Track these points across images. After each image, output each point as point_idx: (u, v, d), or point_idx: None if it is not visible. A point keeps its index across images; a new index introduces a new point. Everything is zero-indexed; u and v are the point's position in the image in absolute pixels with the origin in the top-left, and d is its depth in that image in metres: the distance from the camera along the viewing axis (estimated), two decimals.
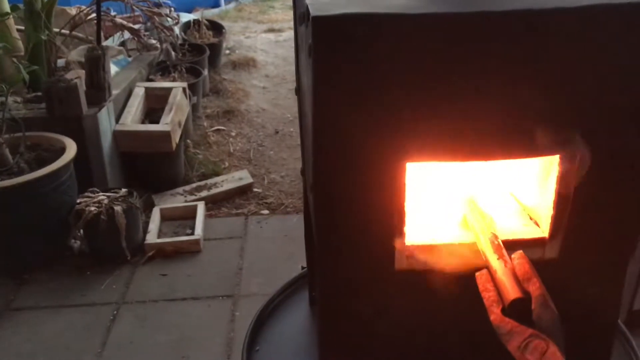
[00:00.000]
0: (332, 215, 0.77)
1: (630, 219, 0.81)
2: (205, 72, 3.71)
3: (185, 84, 3.15)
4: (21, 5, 2.93)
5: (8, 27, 2.74)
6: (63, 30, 3.19)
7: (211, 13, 5.64)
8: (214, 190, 2.90)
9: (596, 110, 0.71)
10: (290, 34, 4.91)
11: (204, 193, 2.88)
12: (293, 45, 1.27)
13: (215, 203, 2.84)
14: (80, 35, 3.45)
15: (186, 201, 2.80)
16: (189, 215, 2.67)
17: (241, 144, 3.39)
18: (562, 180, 0.75)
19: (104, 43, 3.49)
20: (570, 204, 0.77)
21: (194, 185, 2.95)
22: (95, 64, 2.60)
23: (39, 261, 2.36)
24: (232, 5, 5.93)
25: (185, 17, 4.27)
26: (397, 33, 0.65)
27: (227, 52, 4.35)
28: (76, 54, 3.35)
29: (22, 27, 3.05)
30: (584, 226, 0.79)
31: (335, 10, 0.65)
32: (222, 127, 3.52)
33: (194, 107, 3.42)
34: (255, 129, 3.57)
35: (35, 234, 2.30)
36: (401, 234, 0.77)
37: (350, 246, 0.79)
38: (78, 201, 2.36)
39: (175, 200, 2.82)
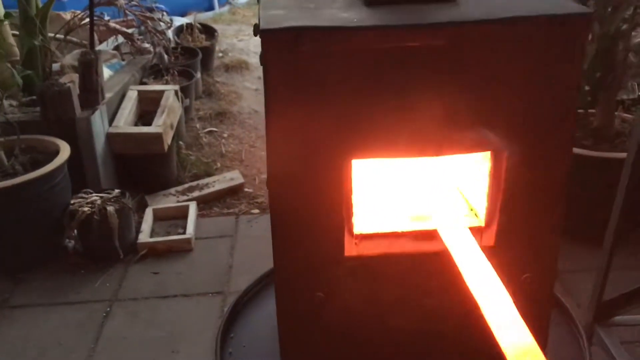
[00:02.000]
0: (285, 208, 0.84)
1: (553, 208, 0.87)
2: (198, 74, 3.77)
3: (177, 87, 3.21)
4: (16, 11, 3.00)
5: (2, 33, 2.80)
6: (57, 35, 3.26)
7: (205, 16, 5.70)
8: (205, 191, 2.96)
9: (517, 112, 0.78)
10: None
11: (196, 193, 2.94)
12: None
13: (206, 203, 2.91)
14: (74, 39, 3.52)
15: (178, 201, 2.87)
16: (181, 215, 2.74)
17: (233, 145, 3.45)
18: (493, 175, 0.82)
19: (98, 47, 3.56)
20: (501, 196, 0.84)
21: (186, 185, 3.02)
22: (88, 68, 2.66)
23: (34, 260, 2.42)
24: (225, 8, 6.00)
25: (179, 20, 4.34)
26: (338, 44, 0.72)
27: (220, 54, 4.41)
28: (70, 58, 3.41)
29: (17, 32, 3.12)
30: (515, 216, 0.86)
31: (282, 24, 0.71)
32: (215, 129, 3.58)
33: (187, 110, 3.49)
34: (247, 130, 3.63)
35: (30, 233, 2.36)
36: (350, 223, 0.84)
37: (304, 235, 0.86)
38: (72, 202, 2.42)
39: (168, 200, 2.89)
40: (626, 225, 1.86)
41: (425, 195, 0.94)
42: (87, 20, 3.08)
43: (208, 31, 4.22)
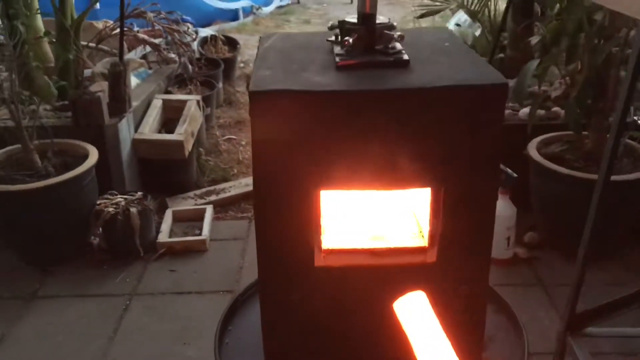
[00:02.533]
0: (266, 228, 1.02)
1: (483, 233, 1.04)
2: (220, 84, 3.97)
3: (199, 97, 3.41)
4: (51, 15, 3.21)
5: (42, 48, 3.01)
6: (90, 44, 3.49)
7: (229, 26, 5.93)
8: (222, 195, 3.16)
9: (452, 159, 0.95)
10: None
11: (213, 197, 3.13)
12: None
13: (222, 207, 3.09)
14: (105, 48, 3.74)
15: (196, 204, 3.06)
16: (198, 217, 2.93)
17: (250, 153, 3.63)
18: (433, 206, 0.99)
19: (127, 56, 3.78)
20: (440, 222, 1.01)
21: (204, 189, 3.21)
22: (117, 79, 2.87)
23: (62, 255, 2.63)
24: (249, 18, 6.21)
25: (203, 32, 4.55)
26: (309, 103, 0.90)
27: (242, 65, 4.61)
28: (101, 65, 3.63)
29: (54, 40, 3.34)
30: (452, 238, 1.02)
31: (266, 87, 0.89)
32: (233, 137, 3.78)
33: (208, 118, 3.69)
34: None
35: (59, 230, 2.57)
36: (319, 241, 1.02)
37: (282, 248, 1.04)
38: (98, 202, 2.62)
39: (187, 203, 3.08)
40: (602, 240, 2.02)
41: (383, 218, 1.11)
42: (118, 31, 3.30)
43: (231, 43, 4.43)
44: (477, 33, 3.63)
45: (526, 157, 2.56)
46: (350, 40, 1.00)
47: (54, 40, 2.90)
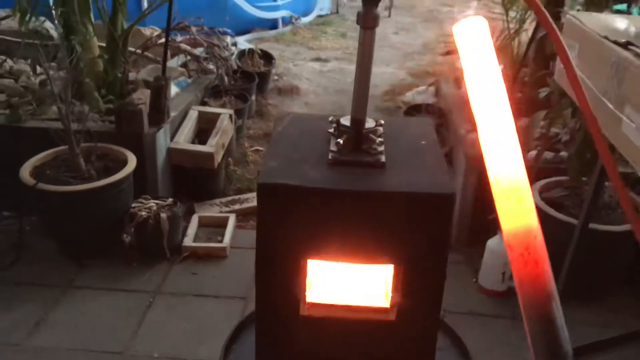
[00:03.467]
0: (265, 281, 1.27)
1: (434, 301, 1.26)
2: (253, 97, 4.22)
3: (232, 111, 3.67)
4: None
5: (95, 67, 3.25)
6: (136, 50, 3.76)
7: (268, 34, 6.18)
8: (245, 205, 3.40)
9: (411, 246, 1.18)
10: (334, 64, 5.39)
11: (237, 206, 3.39)
12: (335, 76, 1.58)
13: (245, 216, 3.34)
14: (149, 55, 4.01)
15: (221, 212, 3.32)
16: (222, 224, 3.18)
17: None
18: (395, 277, 1.22)
19: (169, 63, 4.05)
20: (399, 290, 1.24)
21: (229, 198, 3.47)
22: (159, 92, 3.14)
23: (97, 250, 2.91)
24: (288, 28, 6.44)
25: (242, 44, 4.80)
26: (302, 195, 1.15)
27: (276, 77, 4.86)
28: (145, 72, 3.92)
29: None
30: (408, 303, 1.26)
31: (271, 180, 1.14)
32: (261, 148, 4.03)
33: (239, 129, 3.94)
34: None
35: (95, 228, 2.85)
36: (304, 296, 1.27)
37: (275, 299, 1.29)
38: (133, 205, 2.89)
39: (212, 209, 3.34)
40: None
41: (360, 279, 1.35)
42: (162, 41, 3.57)
43: (267, 57, 4.67)
44: (502, 66, 3.80)
45: None
46: (341, 141, 1.24)
47: (105, 57, 3.16)
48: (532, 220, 1.01)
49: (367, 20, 1.29)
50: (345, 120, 1.31)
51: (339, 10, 7.61)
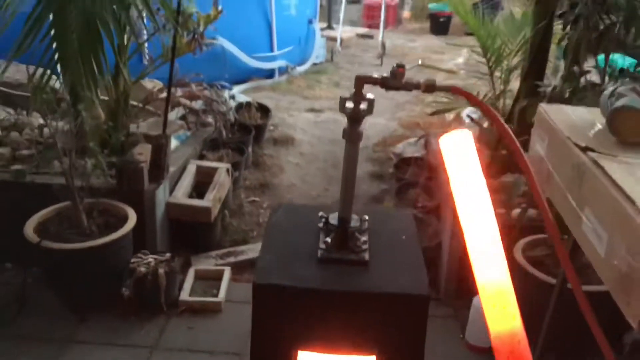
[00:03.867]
0: None
1: None
2: (250, 149, 4.37)
3: (229, 165, 3.81)
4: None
5: (98, 126, 3.39)
6: (138, 104, 3.90)
7: (265, 83, 6.38)
8: (240, 258, 3.51)
9: (387, 336, 1.31)
10: (328, 115, 5.57)
11: (232, 259, 3.49)
12: (329, 126, 1.65)
13: (239, 269, 3.44)
14: (150, 108, 4.18)
15: (216, 264, 3.42)
16: (218, 277, 3.28)
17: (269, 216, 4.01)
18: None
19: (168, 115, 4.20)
20: None
21: (224, 250, 3.58)
22: (159, 150, 3.28)
23: (97, 303, 3.00)
24: (284, 77, 6.65)
25: (240, 97, 4.98)
26: (291, 293, 1.28)
27: (271, 128, 5.02)
28: (146, 126, 4.06)
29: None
30: None
31: (264, 280, 1.28)
32: (257, 199, 4.16)
33: (236, 181, 4.08)
34: (284, 202, 4.19)
35: (96, 282, 2.94)
36: None
37: None
38: (132, 260, 3.00)
39: (208, 262, 3.45)
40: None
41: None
42: (163, 95, 3.73)
43: (263, 109, 4.84)
44: (485, 125, 3.97)
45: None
46: (329, 240, 1.38)
47: (110, 124, 3.30)
48: (515, 325, 1.14)
49: (352, 136, 1.45)
50: (333, 219, 1.46)
51: (333, 58, 7.84)
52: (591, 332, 2.89)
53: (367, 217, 1.50)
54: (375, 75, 1.44)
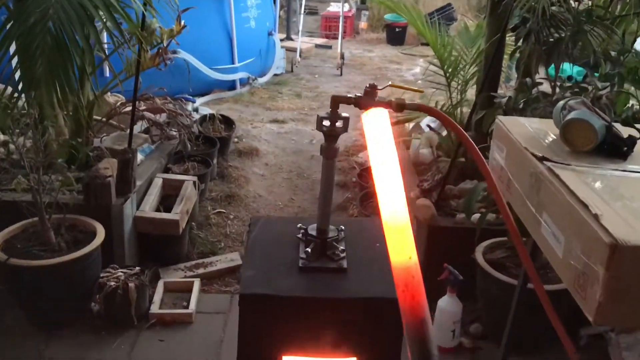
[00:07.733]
0: None
1: None
2: (215, 161, 4.40)
3: (195, 178, 3.84)
4: None
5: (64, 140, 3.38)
6: (102, 119, 3.90)
7: (227, 95, 6.41)
8: (209, 269, 3.54)
9: (366, 338, 1.41)
10: (290, 126, 5.65)
11: (201, 270, 3.52)
12: (292, 137, 1.71)
13: (209, 279, 3.48)
14: (114, 123, 4.17)
15: (185, 276, 3.45)
16: (187, 289, 3.31)
17: (236, 227, 4.05)
18: None
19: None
20: None
21: (193, 262, 3.60)
22: (126, 165, 3.29)
23: (66, 319, 2.99)
24: (246, 88, 6.69)
25: (203, 110, 5.01)
26: (275, 302, 1.36)
27: (236, 140, 5.06)
28: (110, 140, 4.05)
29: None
30: None
31: (247, 290, 1.36)
32: (223, 210, 4.19)
33: (202, 192, 4.10)
34: (251, 213, 4.23)
35: (64, 298, 2.93)
36: None
37: None
38: (101, 275, 3.00)
39: (177, 274, 3.47)
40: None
41: None
42: (127, 109, 3.74)
43: (227, 122, 4.88)
44: (444, 133, 4.11)
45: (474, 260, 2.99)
46: (309, 249, 1.46)
47: (79, 140, 3.30)
48: (410, 262, 1.27)
49: (329, 153, 1.54)
50: (312, 230, 1.54)
51: (293, 69, 7.93)
52: (551, 327, 3.05)
53: (343, 227, 1.58)
54: (350, 95, 1.54)
